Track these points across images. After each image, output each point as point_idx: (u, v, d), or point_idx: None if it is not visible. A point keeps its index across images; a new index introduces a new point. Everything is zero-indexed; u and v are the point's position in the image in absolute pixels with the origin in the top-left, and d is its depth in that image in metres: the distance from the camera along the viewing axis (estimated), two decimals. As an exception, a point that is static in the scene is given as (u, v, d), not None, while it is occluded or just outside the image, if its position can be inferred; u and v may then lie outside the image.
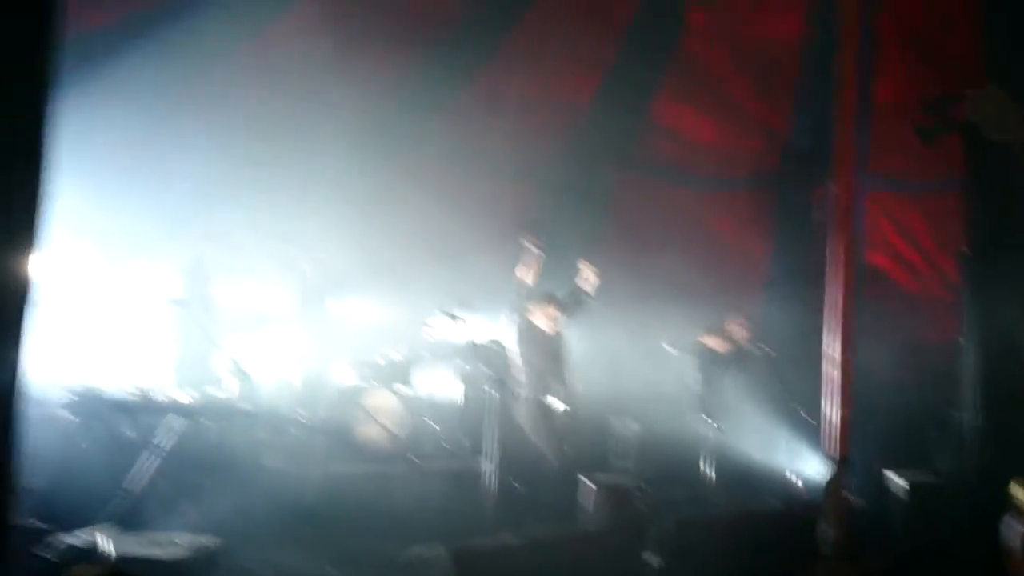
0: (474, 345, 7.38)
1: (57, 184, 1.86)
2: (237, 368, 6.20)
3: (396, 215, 9.72)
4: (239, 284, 9.48)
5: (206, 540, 4.22)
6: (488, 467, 6.68)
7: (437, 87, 9.39)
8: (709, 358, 8.43)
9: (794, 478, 7.56)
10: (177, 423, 5.74)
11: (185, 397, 6.18)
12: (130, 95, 7.51)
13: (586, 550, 5.15)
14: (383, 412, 8.19)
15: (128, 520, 5.16)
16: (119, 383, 6.79)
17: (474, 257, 9.24)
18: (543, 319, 7.14)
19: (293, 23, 8.37)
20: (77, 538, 4.37)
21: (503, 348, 8.87)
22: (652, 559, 5.55)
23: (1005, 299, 7.43)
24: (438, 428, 8.81)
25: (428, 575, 4.60)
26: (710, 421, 7.48)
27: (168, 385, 7.51)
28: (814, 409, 7.99)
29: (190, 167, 8.01)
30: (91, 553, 4.12)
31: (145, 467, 5.62)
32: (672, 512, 6.16)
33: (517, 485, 6.89)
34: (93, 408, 5.35)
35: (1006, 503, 5.50)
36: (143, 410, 5.65)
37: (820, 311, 6.76)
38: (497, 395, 6.71)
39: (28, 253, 1.78)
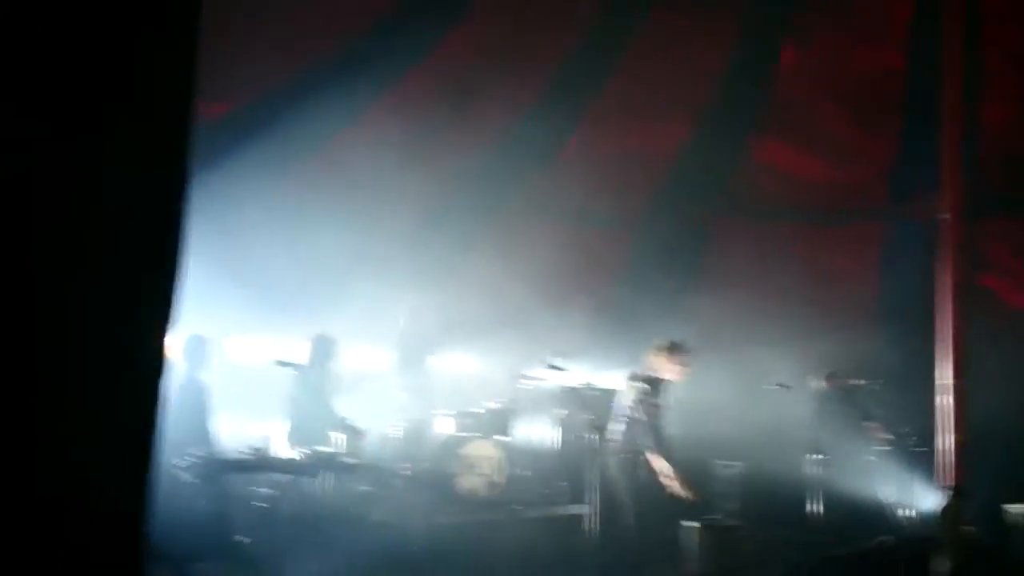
0: (572, 390, 7.43)
1: (191, 263, 2.04)
2: (344, 424, 6.44)
3: (495, 267, 9.96)
4: (349, 344, 9.88)
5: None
6: (589, 513, 6.69)
7: (536, 143, 9.64)
8: (820, 397, 8.28)
9: (908, 512, 7.28)
10: (288, 480, 6.00)
11: (296, 455, 6.46)
12: (254, 176, 8.01)
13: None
14: (483, 461, 8.31)
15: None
16: (237, 445, 7.17)
17: (570, 307, 9.39)
18: (668, 372, 6.78)
19: (402, 96, 8.80)
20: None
21: (600, 392, 8.93)
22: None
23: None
24: (533, 475, 8.88)
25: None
26: (819, 458, 7.30)
27: (282, 445, 7.86)
28: (929, 439, 7.75)
29: (313, 240, 8.49)
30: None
31: (258, 523, 5.88)
32: (780, 552, 6.03)
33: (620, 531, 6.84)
34: (212, 470, 5.64)
35: None
36: (258, 468, 5.92)
37: (932, 340, 6.61)
38: (597, 439, 6.74)
39: (164, 329, 1.94)
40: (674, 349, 6.78)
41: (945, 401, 6.34)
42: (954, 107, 6.62)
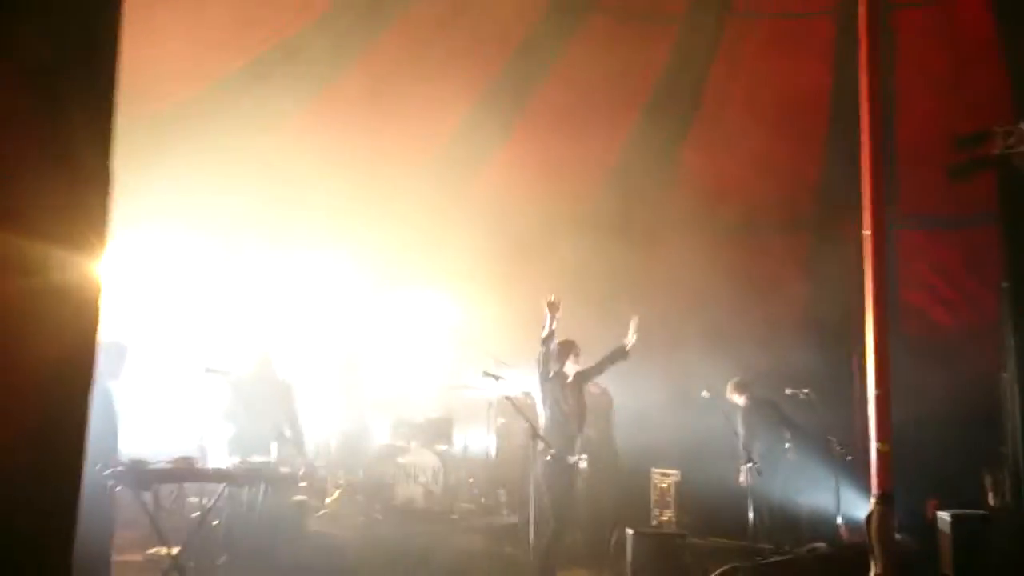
0: (507, 399, 7.42)
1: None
2: (278, 434, 6.29)
3: (430, 276, 9.94)
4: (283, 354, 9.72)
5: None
6: (527, 520, 6.67)
7: (468, 149, 9.65)
8: (745, 407, 8.43)
9: (839, 519, 7.46)
10: (221, 490, 5.83)
11: (228, 464, 6.29)
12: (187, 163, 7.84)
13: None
14: (421, 470, 8.23)
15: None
16: (164, 453, 6.96)
17: (507, 315, 9.38)
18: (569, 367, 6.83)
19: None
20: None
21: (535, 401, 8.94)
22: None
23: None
24: (472, 482, 8.85)
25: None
26: (751, 466, 7.42)
27: (213, 453, 7.65)
28: (856, 448, 7.96)
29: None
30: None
31: (192, 533, 5.71)
32: (716, 559, 6.10)
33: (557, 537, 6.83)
34: (139, 478, 5.44)
35: None
36: (187, 478, 5.74)
37: (857, 352, 6.77)
38: (533, 446, 6.72)
39: (93, 333, 1.87)
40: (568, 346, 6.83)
41: (871, 410, 6.50)
42: (873, 127, 6.81)
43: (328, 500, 8.19)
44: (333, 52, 8.60)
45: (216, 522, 6.03)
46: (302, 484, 7.32)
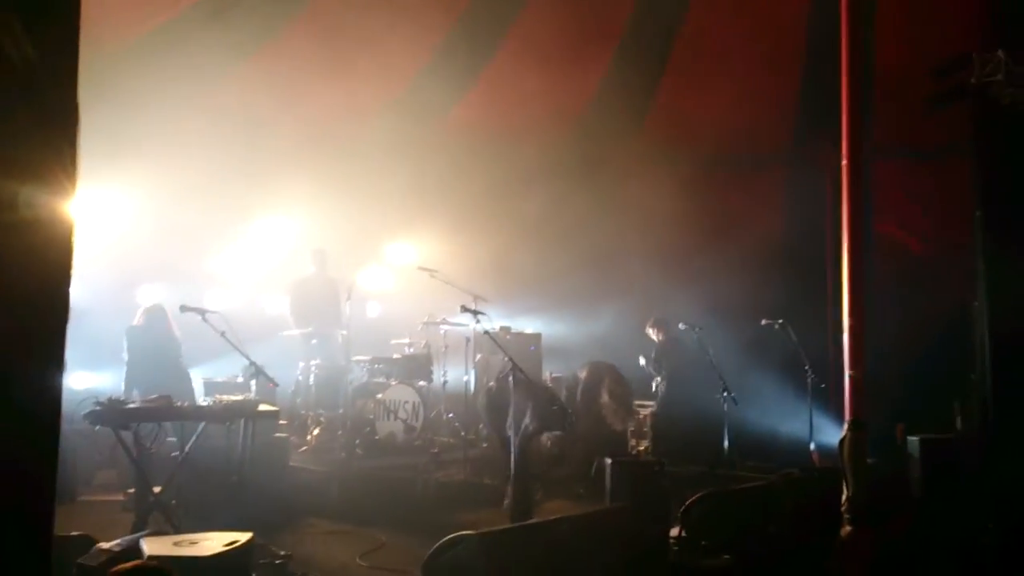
0: (486, 334, 7.44)
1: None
2: (258, 371, 6.28)
3: (410, 212, 9.88)
4: (260, 291, 9.70)
5: (239, 536, 4.31)
6: (507, 451, 6.76)
7: (441, 84, 9.49)
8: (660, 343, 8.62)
9: (812, 445, 7.62)
10: (200, 428, 5.84)
11: (206, 402, 6.29)
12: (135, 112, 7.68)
13: (611, 527, 5.21)
14: (400, 406, 8.29)
15: (162, 524, 5.28)
16: (140, 392, 6.95)
17: (485, 254, 9.38)
18: None
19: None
20: (115, 545, 4.46)
21: (516, 336, 9.00)
22: (676, 533, 5.62)
23: (1018, 261, 7.48)
24: (452, 416, 8.94)
25: (457, 562, 4.67)
26: (727, 396, 7.53)
27: (189, 391, 7.65)
28: (829, 376, 8.09)
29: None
30: (129, 559, 4.21)
31: (173, 472, 5.72)
32: (693, 486, 6.22)
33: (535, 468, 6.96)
34: (116, 417, 5.43)
35: None
36: (166, 417, 5.74)
37: (832, 281, 6.84)
38: (512, 380, 6.77)
39: (66, 271, 1.85)
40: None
41: (846, 339, 6.59)
42: (852, 56, 6.76)
43: (309, 437, 8.25)
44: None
45: (197, 460, 6.04)
46: (282, 422, 7.36)
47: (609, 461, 6.23)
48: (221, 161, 8.55)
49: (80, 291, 2.25)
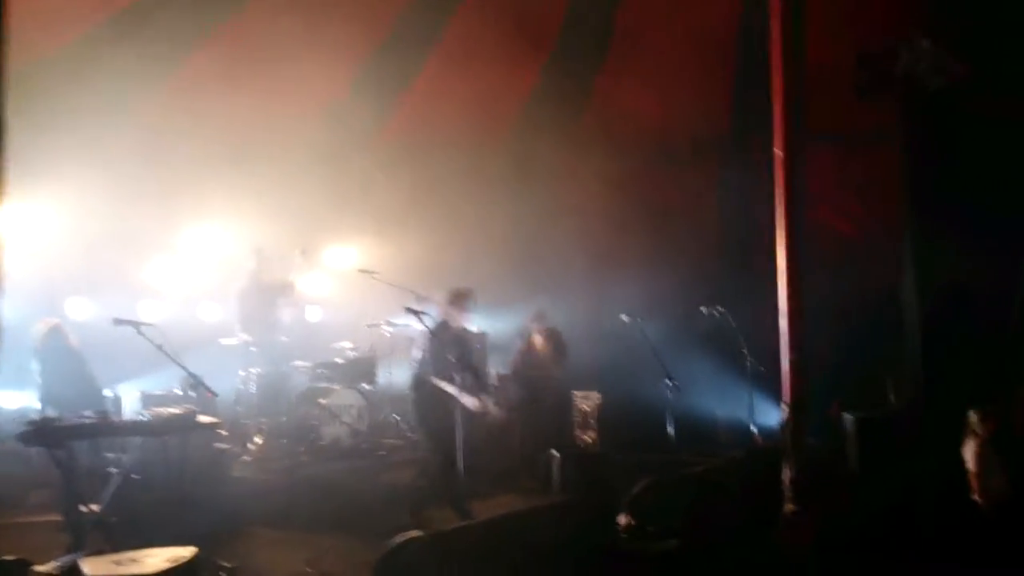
0: (431, 334, 7.38)
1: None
2: (196, 383, 6.14)
3: (346, 211, 9.80)
4: (191, 297, 9.50)
5: (182, 551, 4.21)
6: (454, 452, 6.74)
7: (380, 84, 9.43)
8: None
9: (753, 427, 7.77)
10: (139, 442, 5.70)
11: (143, 416, 6.13)
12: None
13: (559, 519, 5.25)
14: (344, 410, 8.21)
15: (101, 543, 5.13)
16: (74, 408, 6.73)
17: (427, 252, 9.35)
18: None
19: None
20: (53, 568, 4.34)
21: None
22: (624, 521, 5.68)
23: (944, 243, 7.75)
24: (399, 419, 8.88)
25: (408, 563, 4.65)
26: (670, 384, 7.62)
27: (126, 405, 7.46)
28: (768, 360, 8.24)
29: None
30: (67, 579, 4.10)
31: (112, 489, 5.57)
32: (639, 474, 6.29)
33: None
34: (50, 436, 5.25)
35: (966, 429, 5.82)
36: (101, 432, 5.58)
37: (769, 268, 6.95)
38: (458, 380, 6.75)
39: None
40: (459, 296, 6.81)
41: (783, 323, 6.71)
42: (784, 46, 6.88)
43: (251, 446, 8.11)
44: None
45: (136, 476, 5.89)
46: (223, 433, 7.22)
47: (556, 454, 6.29)
48: (147, 171, 8.36)
49: (5, 307, 2.19)
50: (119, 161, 8.03)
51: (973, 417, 5.81)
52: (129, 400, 7.70)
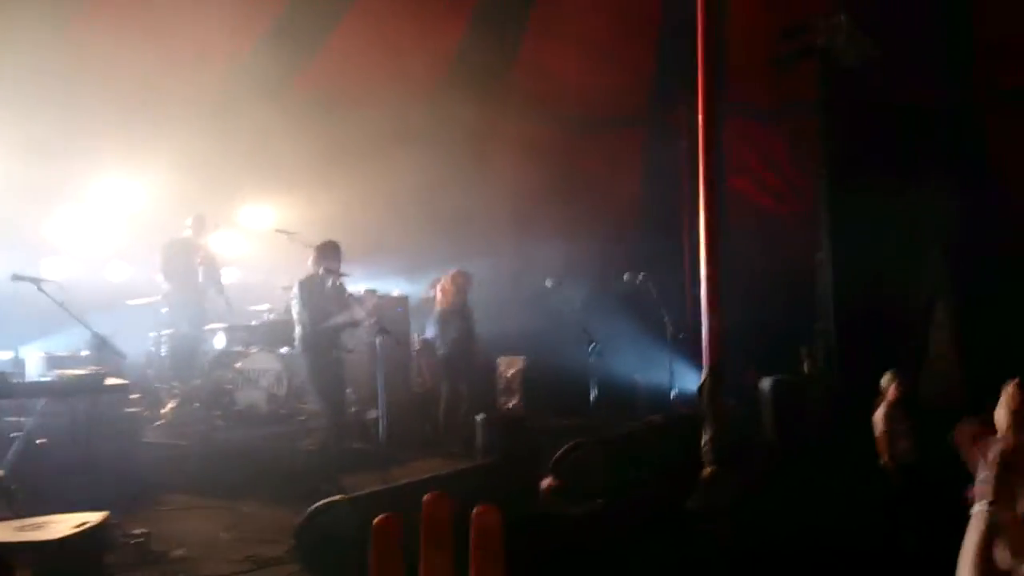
0: (350, 296, 7.25)
1: None
2: (103, 343, 5.86)
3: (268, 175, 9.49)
4: (102, 257, 9.09)
5: (88, 517, 4.03)
6: (375, 414, 6.67)
7: (299, 38, 9.12)
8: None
9: (673, 392, 7.91)
10: (44, 405, 5.43)
11: (49, 377, 5.84)
12: None
13: (484, 480, 5.24)
14: (261, 374, 7.98)
15: (3, 509, 4.88)
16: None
17: (345, 214, 9.12)
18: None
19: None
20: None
21: (383, 298, 8.83)
22: (547, 483, 5.71)
23: (857, 216, 7.99)
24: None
25: (329, 527, 4.57)
26: (592, 348, 7.69)
27: (29, 367, 7.09)
28: (689, 327, 8.39)
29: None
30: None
31: (15, 452, 5.29)
32: (562, 438, 6.34)
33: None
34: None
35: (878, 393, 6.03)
36: (4, 394, 5.29)
37: (690, 236, 7.04)
38: (378, 343, 6.65)
39: None
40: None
41: (703, 289, 6.83)
42: (707, 19, 6.93)
43: (163, 410, 7.84)
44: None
45: (40, 440, 5.62)
46: (133, 396, 6.95)
47: (480, 417, 6.27)
48: (49, 124, 7.89)
49: None
50: (19, 112, 7.55)
51: (884, 379, 6.02)
52: (33, 362, 7.31)
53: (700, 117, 6.99)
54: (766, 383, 7.33)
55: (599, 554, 4.91)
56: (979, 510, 2.11)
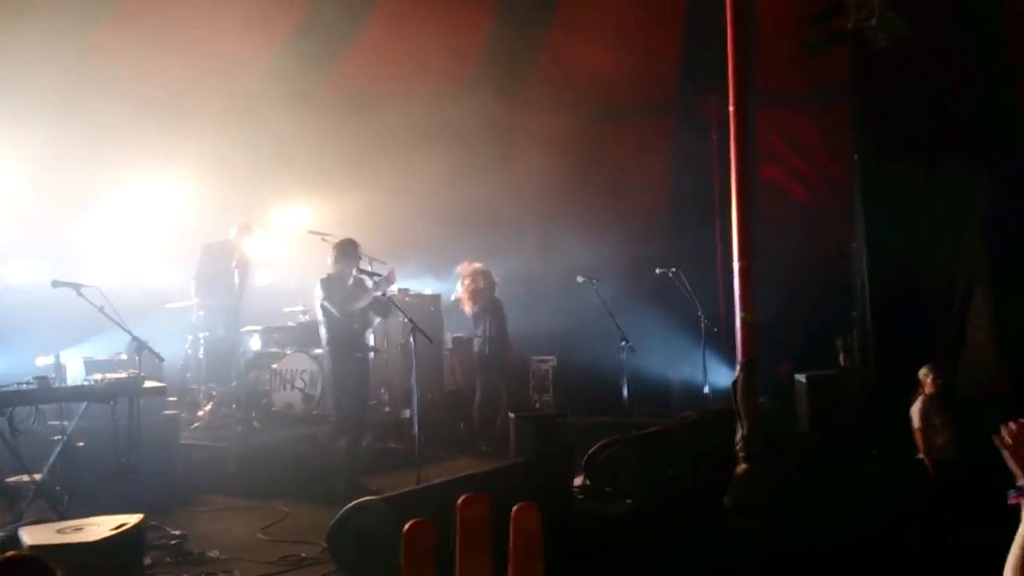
0: (384, 296, 7.29)
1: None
2: (141, 347, 5.95)
3: (291, 176, 9.55)
4: (139, 262, 9.23)
5: (128, 519, 4.09)
6: (409, 413, 6.69)
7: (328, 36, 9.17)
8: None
9: (707, 388, 7.83)
10: (82, 408, 5.52)
11: (89, 381, 5.94)
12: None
13: (515, 480, 5.23)
14: (297, 375, 8.06)
15: (46, 512, 4.98)
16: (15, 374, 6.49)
17: (377, 213, 9.17)
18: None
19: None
20: (-6, 536, 4.20)
21: (414, 298, 8.86)
22: (580, 482, 5.69)
23: (893, 202, 7.83)
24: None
25: (362, 528, 4.59)
26: (624, 345, 7.63)
27: (70, 372, 7.23)
28: (722, 321, 8.30)
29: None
30: (10, 549, 3.96)
31: (54, 457, 5.40)
32: (596, 435, 6.31)
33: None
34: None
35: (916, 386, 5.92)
36: (42, 399, 5.39)
37: (722, 228, 6.95)
38: (413, 342, 6.67)
39: None
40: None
41: (735, 282, 6.74)
42: (736, 5, 6.84)
43: (201, 412, 7.95)
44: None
45: (80, 443, 5.73)
46: (172, 398, 7.05)
47: (513, 416, 6.27)
48: (82, 131, 8.02)
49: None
50: (55, 118, 7.68)
51: (921, 372, 5.91)
52: (73, 367, 7.45)
53: (731, 107, 6.91)
54: (801, 378, 7.23)
55: (633, 553, 4.88)
56: None
